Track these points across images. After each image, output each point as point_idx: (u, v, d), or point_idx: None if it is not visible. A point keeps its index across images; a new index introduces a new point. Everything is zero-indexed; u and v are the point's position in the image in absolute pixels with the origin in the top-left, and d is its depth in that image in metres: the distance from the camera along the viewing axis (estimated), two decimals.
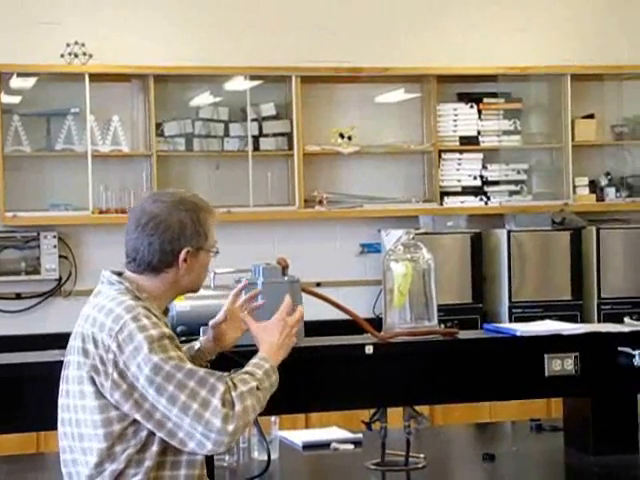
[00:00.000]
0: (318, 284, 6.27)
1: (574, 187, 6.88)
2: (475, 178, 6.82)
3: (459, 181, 6.80)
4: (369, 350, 3.18)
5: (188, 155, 6.51)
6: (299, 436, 3.85)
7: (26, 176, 6.29)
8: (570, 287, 6.55)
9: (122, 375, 2.52)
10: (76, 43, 6.21)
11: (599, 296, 6.55)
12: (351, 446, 3.73)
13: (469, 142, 6.83)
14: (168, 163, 6.48)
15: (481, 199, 6.79)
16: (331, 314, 3.43)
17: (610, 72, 6.99)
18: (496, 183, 6.85)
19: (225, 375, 2.58)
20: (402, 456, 3.39)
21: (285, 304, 2.81)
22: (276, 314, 2.79)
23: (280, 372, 2.69)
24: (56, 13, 6.32)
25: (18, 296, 6.34)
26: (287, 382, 2.73)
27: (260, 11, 6.64)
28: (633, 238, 6.68)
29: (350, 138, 6.65)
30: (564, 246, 6.58)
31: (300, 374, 3.06)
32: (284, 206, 6.56)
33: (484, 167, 6.84)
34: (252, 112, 6.51)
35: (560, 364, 3.33)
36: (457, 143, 6.82)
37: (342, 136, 6.65)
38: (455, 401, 4.14)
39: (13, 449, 4.22)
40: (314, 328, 3.23)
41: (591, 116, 6.98)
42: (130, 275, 2.68)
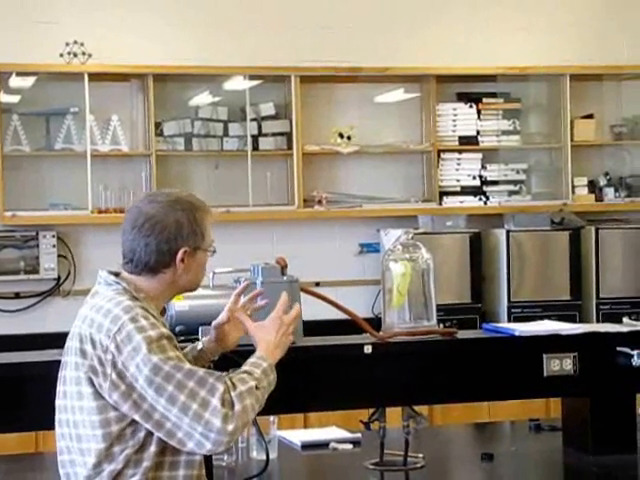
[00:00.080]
0: (317, 284, 6.27)
1: (573, 187, 6.88)
2: (474, 178, 6.81)
3: (458, 181, 6.80)
4: (368, 350, 3.18)
5: (187, 155, 6.51)
6: (298, 436, 3.85)
7: (25, 176, 6.28)
8: (569, 287, 6.55)
9: (121, 376, 2.51)
10: (75, 42, 6.21)
11: (598, 296, 6.54)
12: (350, 446, 3.73)
13: (468, 142, 6.82)
14: (167, 163, 6.47)
15: (480, 199, 6.79)
16: (330, 314, 3.43)
17: (609, 72, 6.99)
18: (495, 183, 6.84)
19: (224, 375, 2.58)
20: (401, 456, 3.39)
21: (281, 302, 2.80)
22: (272, 312, 2.78)
23: (279, 372, 2.69)
24: (55, 13, 6.32)
25: (17, 295, 6.34)
26: (286, 382, 2.73)
27: (259, 11, 6.64)
28: (632, 238, 6.68)
29: (349, 138, 6.65)
30: (563, 246, 6.58)
31: (299, 374, 3.06)
32: (283, 206, 6.56)
33: (483, 167, 6.83)
34: (251, 112, 6.51)
35: (559, 364, 3.33)
36: (456, 143, 6.81)
37: (341, 136, 6.64)
38: (454, 401, 4.14)
39: (12, 449, 4.22)
40: (313, 328, 3.23)
41: (590, 116, 6.98)
42: (127, 276, 2.67)
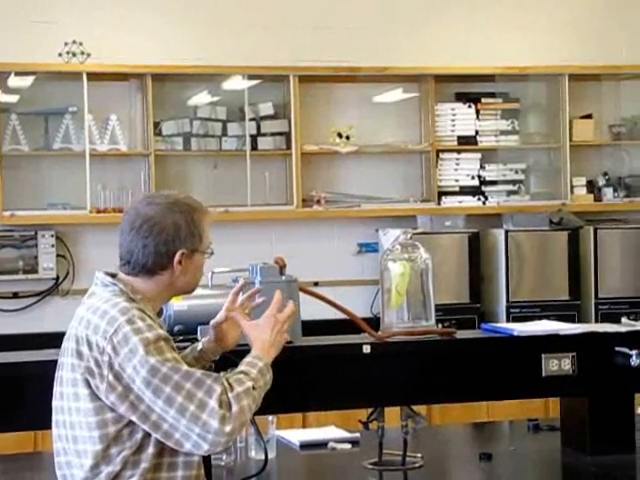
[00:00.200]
0: (316, 283, 6.27)
1: (572, 187, 6.88)
2: (473, 178, 6.81)
3: (457, 181, 6.80)
4: (366, 350, 3.18)
5: (186, 154, 6.51)
6: (296, 435, 3.85)
7: (24, 175, 6.28)
8: (567, 287, 6.55)
9: (118, 377, 2.51)
10: (74, 42, 6.20)
11: (596, 296, 6.55)
12: (348, 445, 3.73)
13: (467, 142, 6.82)
14: (166, 162, 6.47)
15: (479, 199, 6.79)
16: (329, 314, 3.43)
17: (608, 72, 6.99)
18: (494, 183, 6.85)
19: (221, 376, 2.58)
20: (399, 456, 3.39)
21: (275, 301, 2.80)
22: (267, 311, 2.78)
23: (278, 371, 2.69)
24: (54, 12, 6.31)
25: (15, 295, 6.34)
26: (285, 381, 2.73)
27: (258, 10, 6.64)
28: (630, 238, 6.68)
29: (348, 138, 6.65)
30: (562, 246, 6.58)
31: (297, 373, 3.06)
32: (282, 205, 6.56)
33: (482, 167, 6.83)
34: (250, 111, 6.51)
35: (557, 364, 3.33)
36: (455, 143, 6.82)
37: (340, 136, 6.64)
38: (452, 401, 4.14)
39: (10, 448, 4.21)
40: (311, 327, 3.23)
41: (589, 116, 6.98)
42: (124, 277, 2.67)
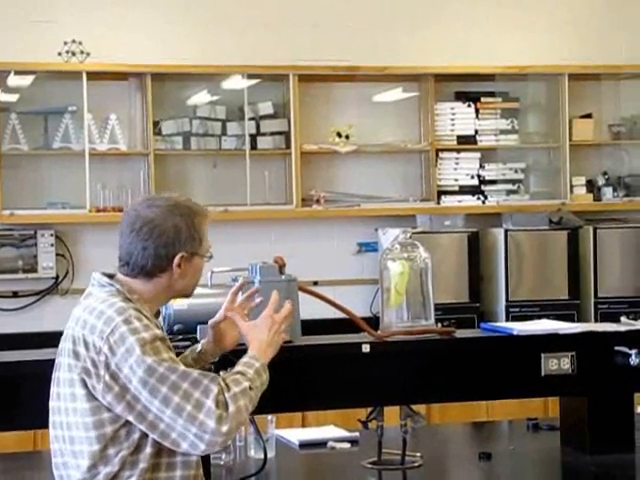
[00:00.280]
0: (315, 283, 6.27)
1: (571, 186, 6.88)
2: (472, 177, 6.81)
3: (456, 180, 6.80)
4: (366, 349, 3.18)
5: (185, 154, 6.51)
6: (296, 435, 3.85)
7: (23, 174, 6.28)
8: (567, 286, 6.55)
9: (114, 377, 2.51)
10: (73, 41, 6.20)
11: (596, 295, 6.55)
12: (348, 445, 3.73)
13: (466, 141, 6.82)
14: (165, 162, 6.47)
15: (478, 198, 6.79)
16: (328, 313, 3.42)
17: (608, 72, 6.99)
18: (493, 182, 6.84)
19: (218, 376, 2.58)
20: (398, 455, 3.39)
21: (272, 301, 2.79)
22: (264, 311, 2.77)
23: (277, 370, 2.69)
24: (53, 11, 6.31)
25: (15, 294, 6.34)
26: (284, 381, 2.73)
27: (258, 9, 6.63)
28: (630, 238, 6.68)
29: (348, 137, 6.65)
30: (561, 245, 6.58)
31: (297, 373, 3.06)
32: (281, 205, 6.56)
33: (481, 166, 6.83)
34: (250, 111, 6.51)
35: (557, 363, 3.33)
36: (454, 142, 6.81)
37: (340, 135, 6.64)
38: (452, 400, 4.14)
39: (10, 447, 4.22)
40: (311, 327, 3.22)
41: (589, 116, 6.98)
42: (122, 278, 2.67)
